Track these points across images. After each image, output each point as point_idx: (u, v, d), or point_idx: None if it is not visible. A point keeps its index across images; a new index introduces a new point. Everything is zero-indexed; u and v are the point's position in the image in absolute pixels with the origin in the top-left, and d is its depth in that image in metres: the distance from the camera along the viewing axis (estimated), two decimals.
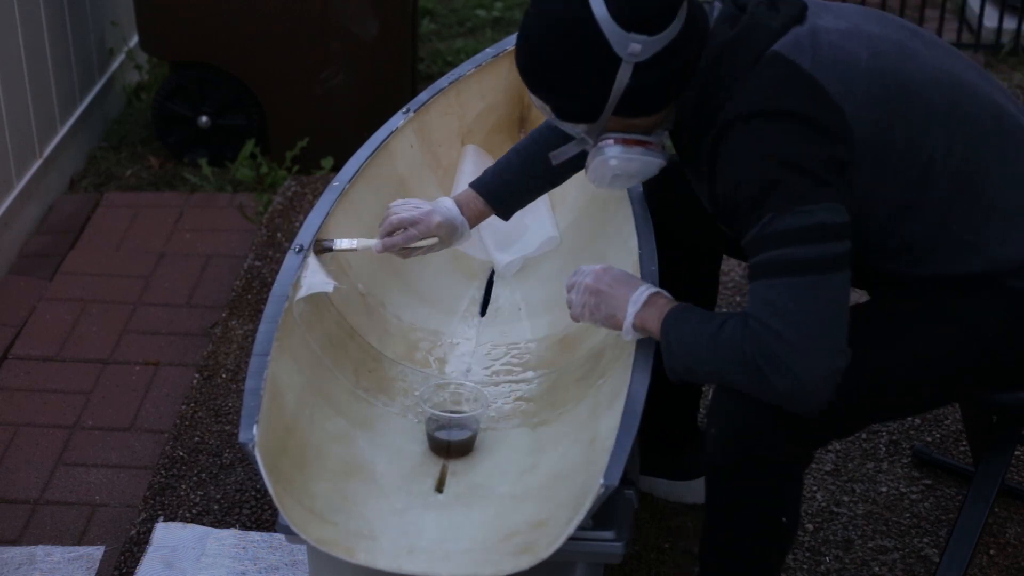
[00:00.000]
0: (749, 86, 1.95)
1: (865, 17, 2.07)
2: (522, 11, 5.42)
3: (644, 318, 2.11)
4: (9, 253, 3.64)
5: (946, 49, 2.09)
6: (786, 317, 1.89)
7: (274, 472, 1.99)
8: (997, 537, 2.61)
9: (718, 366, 1.97)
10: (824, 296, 1.90)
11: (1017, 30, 5.00)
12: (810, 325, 1.89)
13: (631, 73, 1.98)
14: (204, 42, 4.04)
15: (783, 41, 1.97)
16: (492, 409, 2.41)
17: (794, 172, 1.90)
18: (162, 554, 2.57)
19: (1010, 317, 2.03)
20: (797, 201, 1.90)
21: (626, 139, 2.08)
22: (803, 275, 1.89)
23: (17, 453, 2.93)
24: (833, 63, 1.95)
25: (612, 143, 2.09)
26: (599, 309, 2.16)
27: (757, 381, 1.92)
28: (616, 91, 2.00)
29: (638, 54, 1.97)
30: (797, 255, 1.89)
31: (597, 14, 1.96)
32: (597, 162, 2.11)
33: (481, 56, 3.05)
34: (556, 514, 2.03)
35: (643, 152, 2.09)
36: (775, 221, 1.90)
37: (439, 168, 2.97)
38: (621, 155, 2.09)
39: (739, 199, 1.94)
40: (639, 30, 1.96)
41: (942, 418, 2.93)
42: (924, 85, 2.00)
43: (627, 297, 2.13)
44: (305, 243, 2.41)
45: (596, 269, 2.19)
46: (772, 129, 1.92)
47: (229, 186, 4.05)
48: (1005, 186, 2.03)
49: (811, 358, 1.89)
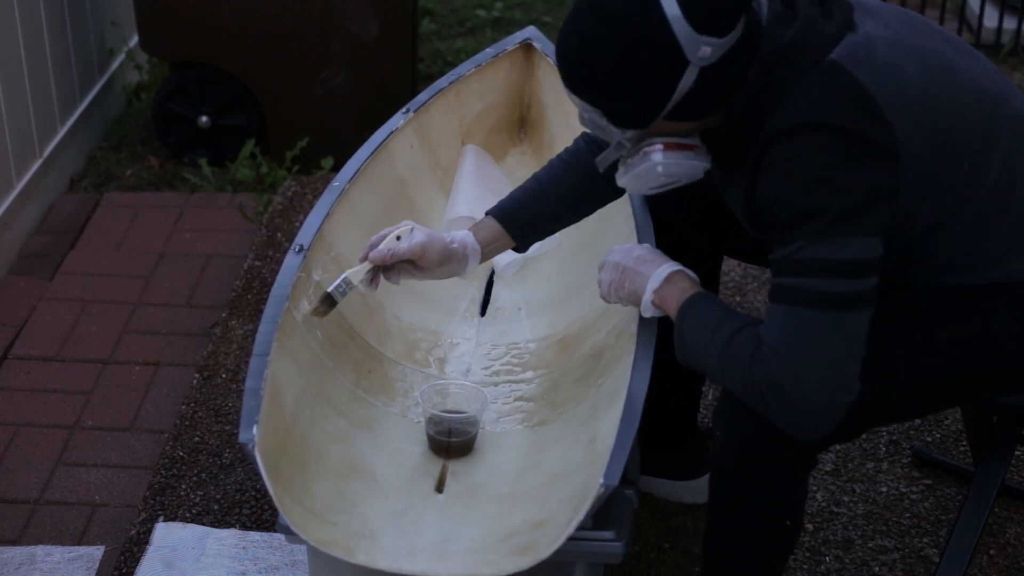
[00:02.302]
0: (804, 94, 1.88)
1: (902, 22, 2.00)
2: (522, 11, 5.42)
3: (664, 296, 2.09)
4: (9, 253, 3.64)
5: (975, 56, 2.04)
6: (800, 351, 1.86)
7: (274, 472, 1.99)
8: (997, 537, 2.61)
9: (724, 377, 1.97)
10: (843, 334, 1.88)
11: (1017, 30, 5.00)
12: (822, 363, 1.87)
13: (695, 78, 1.89)
14: (204, 42, 4.04)
15: (840, 49, 1.90)
16: (492, 409, 2.41)
17: (838, 199, 1.84)
18: (162, 554, 2.57)
19: (1018, 321, 2.03)
20: (835, 232, 1.85)
21: (672, 143, 1.98)
22: (826, 310, 1.86)
23: (17, 453, 2.93)
24: (887, 78, 1.89)
25: (660, 148, 1.98)
26: (623, 286, 2.15)
27: (760, 404, 1.92)
28: (677, 96, 1.90)
29: (707, 57, 1.87)
30: (824, 288, 1.85)
31: (668, 12, 1.84)
32: (643, 168, 2.01)
33: (481, 56, 3.05)
34: (556, 514, 2.03)
35: (690, 156, 1.99)
36: (807, 248, 1.85)
37: (439, 168, 2.97)
38: (667, 160, 1.98)
39: (777, 214, 1.89)
40: (711, 32, 1.85)
41: (942, 418, 2.93)
42: (966, 103, 1.96)
43: (649, 274, 2.12)
44: (305, 243, 2.41)
45: (625, 247, 2.17)
46: (822, 145, 1.85)
47: (229, 186, 4.05)
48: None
49: (817, 395, 1.88)
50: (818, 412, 1.88)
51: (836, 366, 1.88)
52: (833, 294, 1.85)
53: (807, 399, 1.87)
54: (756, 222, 1.99)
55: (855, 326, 1.88)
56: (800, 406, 1.88)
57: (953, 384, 2.06)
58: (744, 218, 2.04)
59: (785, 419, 1.90)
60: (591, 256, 2.68)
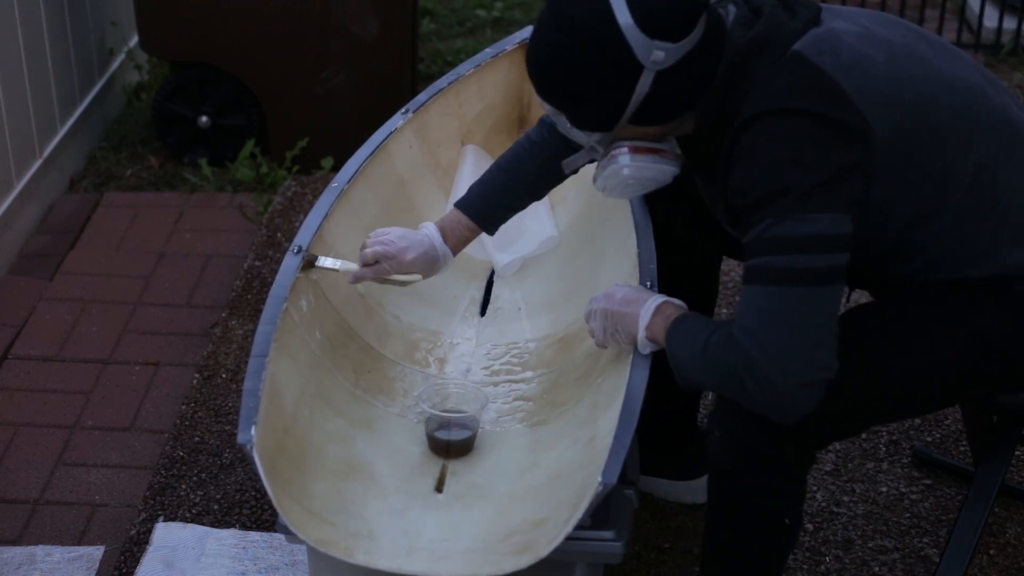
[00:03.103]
0: (768, 85, 1.91)
1: (873, 20, 2.05)
2: (522, 11, 5.42)
3: (653, 330, 2.10)
4: (9, 253, 3.64)
5: (951, 51, 2.07)
6: (772, 328, 1.87)
7: (273, 473, 1.99)
8: (997, 537, 2.61)
9: (707, 377, 1.97)
10: (816, 309, 1.88)
11: (1017, 30, 4.99)
12: (795, 339, 1.87)
13: (652, 81, 1.94)
14: (204, 42, 4.04)
15: (803, 41, 1.94)
16: (492, 409, 2.41)
17: (804, 176, 1.87)
18: (162, 554, 2.57)
19: (1016, 320, 2.03)
20: (802, 208, 1.86)
21: (640, 147, 2.04)
22: (796, 286, 1.87)
23: (17, 453, 2.93)
24: (853, 67, 1.92)
25: (626, 151, 2.04)
26: (618, 331, 2.16)
27: (738, 390, 1.92)
28: (636, 99, 1.95)
29: (661, 62, 1.92)
30: (793, 264, 1.87)
31: (620, 20, 1.90)
32: (610, 171, 2.06)
33: (481, 56, 3.05)
34: (556, 513, 2.03)
35: (657, 160, 2.05)
36: (776, 226, 1.88)
37: (439, 168, 2.97)
38: (634, 163, 2.04)
39: (747, 198, 1.91)
40: (663, 37, 1.91)
41: (942, 418, 2.93)
42: (940, 92, 1.97)
43: (637, 312, 2.13)
44: (304, 243, 2.41)
45: (607, 292, 2.18)
46: (788, 127, 1.88)
47: (229, 186, 4.05)
48: (1018, 191, 2.02)
49: (792, 372, 1.87)
50: (797, 391, 1.88)
51: (812, 342, 1.88)
52: (804, 269, 1.86)
53: (786, 378, 1.87)
54: (734, 220, 2.00)
55: (828, 300, 1.89)
56: (779, 386, 1.87)
57: (949, 382, 2.07)
58: (726, 220, 2.06)
59: (765, 401, 1.90)
60: (591, 256, 2.69)
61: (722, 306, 3.28)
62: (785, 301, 1.87)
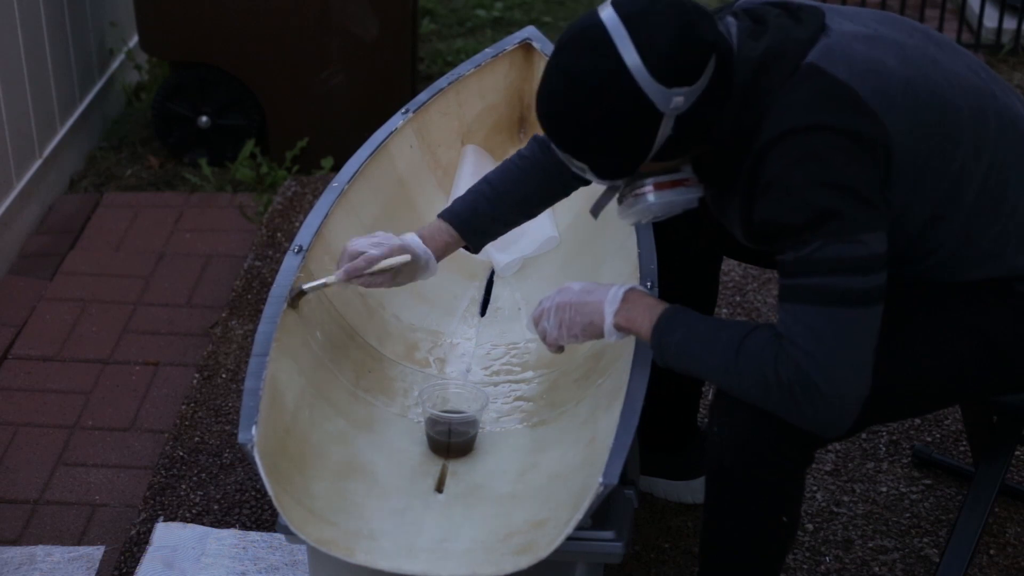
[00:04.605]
0: (787, 101, 1.89)
1: (880, 21, 2.03)
2: (522, 11, 5.42)
3: (628, 316, 2.09)
4: (9, 253, 3.64)
5: (957, 50, 2.06)
6: (829, 349, 1.87)
7: (273, 472, 1.99)
8: (997, 537, 2.61)
9: (735, 382, 1.95)
10: (865, 329, 1.89)
11: (1017, 30, 5.00)
12: (851, 360, 1.88)
13: (672, 125, 1.92)
14: (204, 42, 4.04)
15: (816, 51, 1.92)
16: (492, 409, 2.41)
17: (845, 197, 1.86)
18: (162, 554, 2.57)
19: (1018, 321, 2.03)
20: (851, 231, 1.86)
21: (663, 183, 2.02)
22: (850, 307, 1.87)
23: (17, 453, 2.93)
24: (867, 73, 1.91)
25: (651, 189, 2.02)
26: (575, 322, 2.13)
27: (784, 403, 1.91)
28: (658, 144, 1.94)
29: (680, 106, 1.90)
30: (845, 285, 1.86)
31: (634, 72, 1.87)
32: (636, 209, 2.04)
33: (481, 56, 3.05)
34: (556, 514, 2.03)
35: (681, 191, 2.03)
36: (826, 248, 1.86)
37: (439, 168, 2.97)
38: (659, 200, 2.02)
39: (787, 223, 1.89)
40: (679, 83, 1.88)
41: (942, 418, 2.93)
42: (952, 93, 1.97)
43: (601, 299, 2.11)
44: (304, 244, 2.41)
45: (560, 289, 2.17)
46: (816, 146, 1.86)
47: (229, 186, 4.05)
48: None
49: (849, 392, 1.89)
50: (849, 409, 1.90)
51: (862, 363, 1.89)
52: (854, 290, 1.87)
53: (842, 398, 1.88)
54: (759, 237, 1.99)
55: (874, 320, 1.90)
56: (833, 403, 1.88)
57: (950, 384, 2.07)
58: (744, 237, 2.04)
59: (815, 417, 1.90)
60: (591, 256, 2.69)
61: (722, 306, 3.28)
62: (838, 322, 1.87)
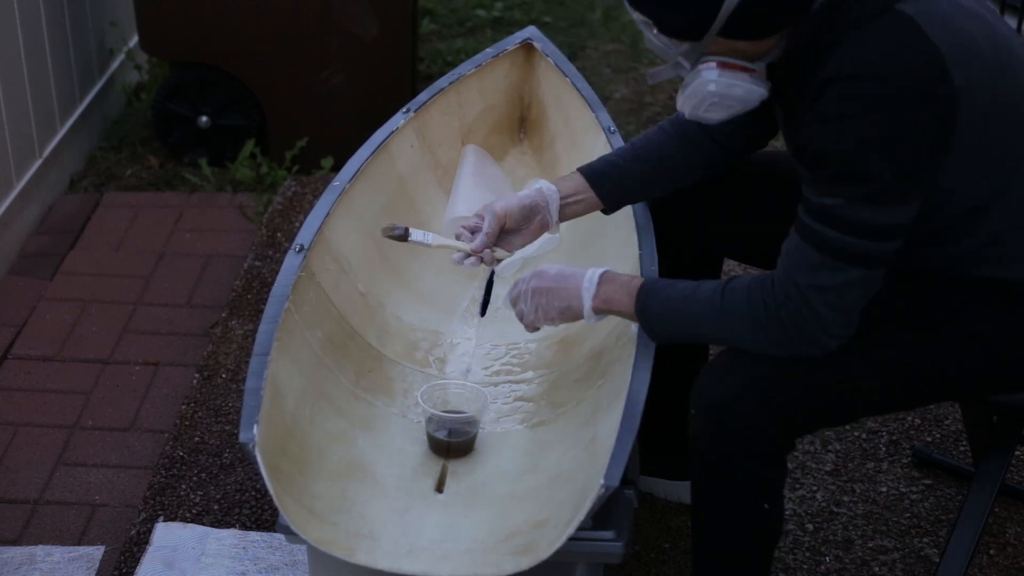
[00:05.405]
0: (871, 41, 1.85)
1: None
2: (522, 11, 5.42)
3: (605, 297, 2.10)
4: (9, 253, 3.64)
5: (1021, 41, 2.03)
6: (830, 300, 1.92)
7: (274, 472, 1.99)
8: (997, 537, 2.61)
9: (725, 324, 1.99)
10: (864, 285, 1.93)
11: (1017, 30, 5.00)
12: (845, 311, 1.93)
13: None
14: (204, 42, 4.04)
15: (911, 3, 1.87)
16: (492, 409, 2.41)
17: (890, 163, 1.84)
18: (162, 554, 2.57)
19: (1014, 321, 2.03)
20: (881, 200, 1.87)
21: (728, 63, 1.95)
22: (856, 266, 1.90)
23: (17, 453, 2.93)
24: (958, 44, 1.87)
25: (714, 66, 1.95)
26: (552, 305, 2.15)
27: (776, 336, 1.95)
28: (727, 6, 1.87)
29: None
30: (859, 248, 1.89)
31: None
32: (694, 87, 1.97)
33: (481, 56, 3.05)
34: (556, 514, 2.03)
35: (745, 78, 1.96)
36: (850, 208, 1.87)
37: (439, 168, 2.97)
38: (722, 79, 1.95)
39: (826, 165, 1.88)
40: None
41: (942, 418, 2.93)
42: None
43: (578, 283, 2.12)
44: (306, 243, 2.41)
45: (537, 272, 2.17)
46: (880, 102, 1.83)
47: (229, 186, 4.05)
48: None
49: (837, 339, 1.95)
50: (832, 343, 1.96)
51: (854, 309, 1.94)
52: (866, 254, 1.89)
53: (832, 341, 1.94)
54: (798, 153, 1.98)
55: (875, 280, 1.94)
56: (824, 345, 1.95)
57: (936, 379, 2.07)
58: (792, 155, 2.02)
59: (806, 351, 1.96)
60: (592, 257, 2.69)
61: None
62: (838, 272, 1.91)
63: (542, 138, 3.09)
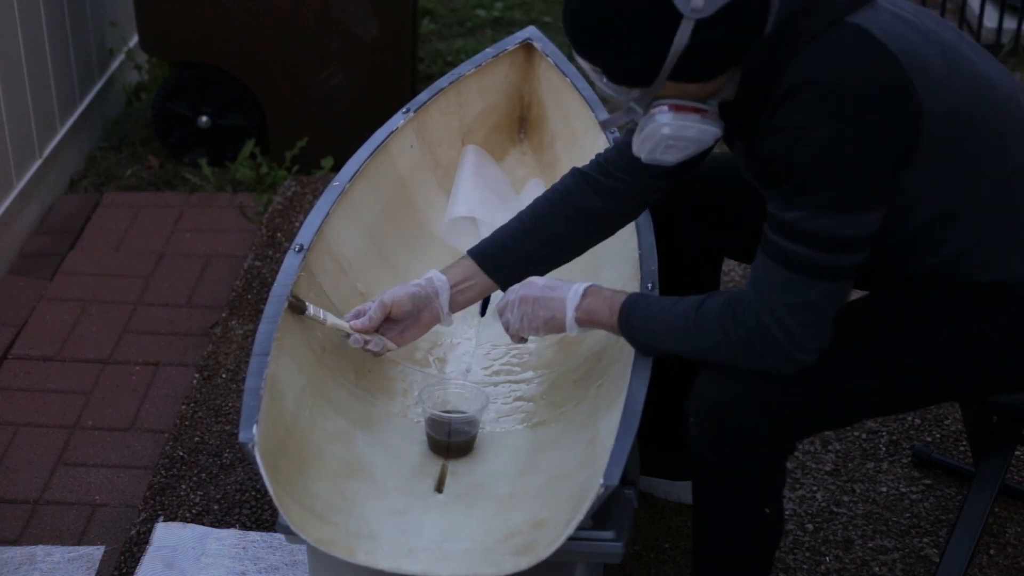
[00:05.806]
0: (823, 51, 1.85)
1: (916, 13, 1.99)
2: (522, 11, 5.42)
3: (589, 310, 2.12)
4: (9, 253, 3.64)
5: (986, 54, 2.04)
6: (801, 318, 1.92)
7: (274, 472, 1.99)
8: (997, 537, 2.61)
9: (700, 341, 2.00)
10: (831, 299, 1.93)
11: (1017, 30, 4.99)
12: (812, 322, 1.93)
13: (691, 31, 1.86)
14: (204, 42, 4.04)
15: (860, 15, 1.88)
16: (492, 409, 2.41)
17: (851, 172, 1.85)
18: (162, 554, 2.57)
19: (1011, 322, 2.03)
20: (842, 208, 1.87)
21: (680, 105, 1.95)
22: (823, 280, 1.91)
23: (17, 453, 2.93)
24: (915, 52, 1.88)
25: (666, 109, 1.95)
26: (537, 315, 2.17)
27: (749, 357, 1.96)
28: (674, 51, 1.88)
29: (700, 10, 1.84)
30: (826, 262, 1.89)
31: None
32: (648, 131, 1.98)
33: (481, 56, 3.05)
34: (556, 514, 2.03)
35: (699, 119, 1.96)
36: (812, 221, 1.88)
37: (439, 168, 2.97)
38: (675, 122, 1.95)
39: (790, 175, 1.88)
40: None
41: (942, 418, 2.93)
42: (987, 91, 1.96)
43: (563, 295, 2.15)
44: (305, 243, 2.41)
45: (525, 283, 2.20)
46: (839, 108, 1.83)
47: (229, 186, 4.05)
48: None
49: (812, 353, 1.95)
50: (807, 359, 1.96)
51: (824, 324, 1.95)
52: (832, 267, 1.90)
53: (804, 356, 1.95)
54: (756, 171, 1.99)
55: (842, 293, 1.95)
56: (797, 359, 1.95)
57: (934, 381, 2.07)
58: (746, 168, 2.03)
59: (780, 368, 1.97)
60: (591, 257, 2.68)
61: None
62: (807, 289, 1.91)
63: (542, 138, 3.09)
